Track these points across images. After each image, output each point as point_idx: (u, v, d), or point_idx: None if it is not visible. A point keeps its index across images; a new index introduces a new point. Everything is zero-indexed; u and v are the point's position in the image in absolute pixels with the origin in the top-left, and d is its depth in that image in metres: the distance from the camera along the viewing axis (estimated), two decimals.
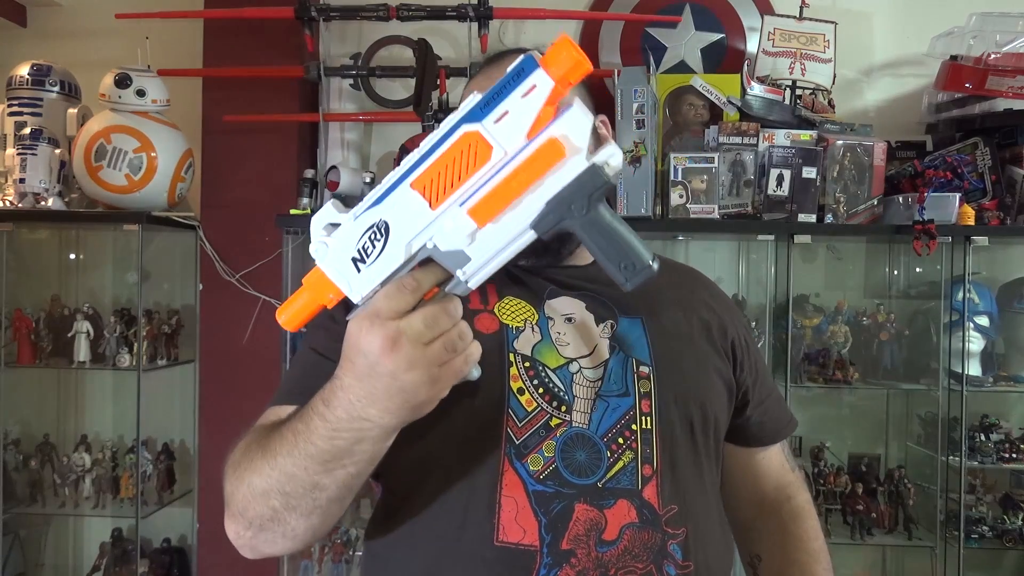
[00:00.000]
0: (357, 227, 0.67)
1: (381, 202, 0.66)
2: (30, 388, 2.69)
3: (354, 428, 0.72)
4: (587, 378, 0.92)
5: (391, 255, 0.67)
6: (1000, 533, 2.34)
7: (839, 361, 2.37)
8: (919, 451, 2.48)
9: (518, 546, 0.84)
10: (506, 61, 0.92)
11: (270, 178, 2.49)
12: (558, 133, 0.63)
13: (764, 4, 2.62)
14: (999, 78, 2.31)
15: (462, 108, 0.65)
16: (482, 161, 0.63)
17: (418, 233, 0.66)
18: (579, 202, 0.64)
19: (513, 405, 0.89)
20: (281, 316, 0.72)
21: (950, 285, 2.31)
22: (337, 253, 0.68)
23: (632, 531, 0.85)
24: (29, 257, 2.70)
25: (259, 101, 2.46)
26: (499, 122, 0.63)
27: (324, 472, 0.75)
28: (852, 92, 2.62)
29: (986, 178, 2.32)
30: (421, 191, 0.65)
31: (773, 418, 1.09)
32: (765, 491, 1.10)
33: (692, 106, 2.43)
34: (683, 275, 1.11)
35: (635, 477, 0.88)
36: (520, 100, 0.62)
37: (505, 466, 0.86)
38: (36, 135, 2.39)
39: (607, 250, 0.68)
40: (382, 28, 2.55)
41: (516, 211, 0.64)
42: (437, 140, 0.65)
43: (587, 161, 0.64)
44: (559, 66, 0.61)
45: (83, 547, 2.75)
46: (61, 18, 2.76)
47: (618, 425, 0.90)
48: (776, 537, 1.07)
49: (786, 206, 2.27)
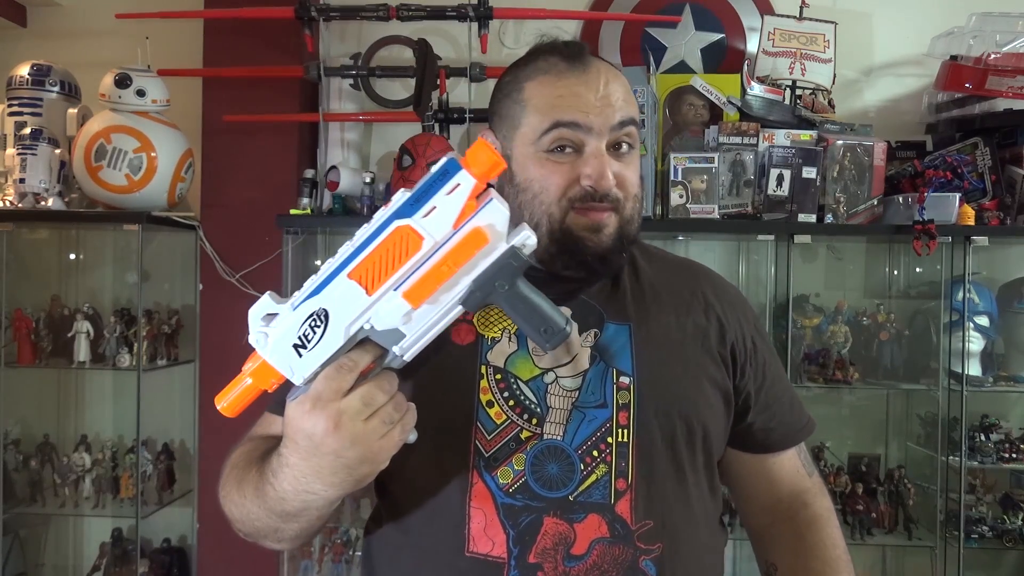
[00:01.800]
0: (297, 316, 0.73)
1: (319, 292, 0.72)
2: (30, 388, 2.68)
3: (300, 499, 0.78)
4: (564, 388, 0.90)
5: (331, 339, 0.72)
6: (1000, 533, 2.34)
7: (839, 361, 2.37)
8: (919, 451, 2.48)
9: (487, 557, 0.85)
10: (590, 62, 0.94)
11: (270, 178, 2.49)
12: (482, 223, 0.71)
13: (764, 4, 2.62)
14: (999, 78, 2.31)
15: (392, 204, 0.71)
16: (414, 250, 0.71)
17: (356, 318, 0.72)
18: (502, 280, 0.73)
19: (482, 418, 0.89)
20: (220, 403, 0.77)
21: (950, 285, 2.31)
22: (278, 341, 0.73)
23: (602, 546, 0.85)
24: (29, 257, 2.70)
25: (259, 101, 2.46)
26: (428, 216, 0.71)
27: (281, 522, 0.83)
28: (852, 92, 2.62)
29: (986, 178, 2.32)
30: (358, 280, 0.72)
31: (783, 423, 1.04)
32: (779, 497, 1.06)
33: (692, 106, 2.43)
34: (686, 274, 1.06)
35: (608, 491, 0.87)
36: (446, 197, 0.70)
37: (474, 478, 0.87)
38: (36, 135, 2.39)
39: (528, 319, 0.76)
40: (382, 28, 2.55)
41: (445, 291, 0.72)
42: (370, 234, 0.72)
43: (506, 244, 0.72)
44: (479, 166, 0.70)
45: (83, 547, 2.74)
46: (61, 18, 2.76)
47: (593, 437, 0.88)
48: (791, 545, 1.04)
49: (786, 206, 2.27)
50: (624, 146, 0.93)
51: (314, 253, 2.61)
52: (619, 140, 0.93)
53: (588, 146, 0.91)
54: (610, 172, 0.91)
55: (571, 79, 0.93)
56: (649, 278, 1.02)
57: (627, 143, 0.94)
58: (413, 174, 2.22)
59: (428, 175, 0.71)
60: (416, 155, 2.23)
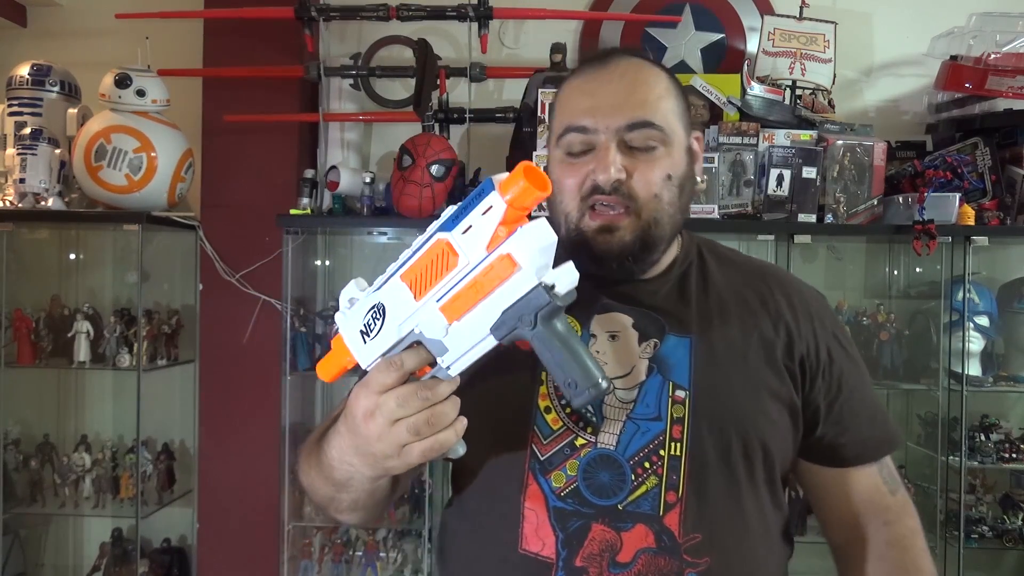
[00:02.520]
0: (365, 305, 0.77)
1: (381, 288, 0.76)
2: (30, 388, 2.69)
3: (343, 468, 0.83)
4: (619, 399, 0.91)
5: (387, 334, 0.75)
6: (1000, 533, 2.34)
7: None
8: (919, 451, 2.48)
9: (537, 556, 0.88)
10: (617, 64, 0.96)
11: (270, 178, 2.49)
12: (512, 250, 0.69)
13: (764, 4, 2.62)
14: (999, 78, 2.31)
15: (441, 217, 0.72)
16: (451, 266, 0.71)
17: (406, 319, 0.74)
18: (526, 317, 0.70)
19: (539, 423, 0.92)
20: (319, 370, 0.83)
21: (950, 285, 2.31)
22: (351, 325, 0.78)
23: (647, 556, 0.86)
24: (29, 257, 2.70)
25: (259, 101, 2.46)
26: (465, 234, 0.70)
27: (335, 491, 0.87)
28: (852, 92, 2.62)
29: (986, 178, 2.32)
30: (408, 283, 0.74)
31: (858, 437, 1.00)
32: (856, 513, 1.01)
33: (692, 106, 2.42)
34: (758, 281, 1.03)
35: (657, 503, 0.88)
36: (480, 217, 0.69)
37: (529, 479, 0.90)
38: (36, 135, 2.39)
39: (552, 365, 0.72)
40: (382, 28, 2.55)
41: (477, 315, 0.71)
42: (422, 241, 0.74)
43: (536, 279, 0.69)
44: (511, 192, 0.67)
45: (83, 547, 2.75)
46: (61, 18, 2.76)
47: (646, 449, 0.89)
48: (870, 565, 0.99)
49: (786, 206, 2.27)
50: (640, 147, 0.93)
51: (314, 253, 2.61)
52: (633, 141, 0.92)
53: (598, 146, 0.93)
54: (614, 167, 0.90)
55: (591, 83, 0.95)
56: (718, 287, 1.01)
57: (644, 144, 0.93)
58: (413, 174, 2.22)
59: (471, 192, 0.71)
60: (416, 155, 2.23)
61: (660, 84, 0.96)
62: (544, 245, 0.69)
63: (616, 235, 0.93)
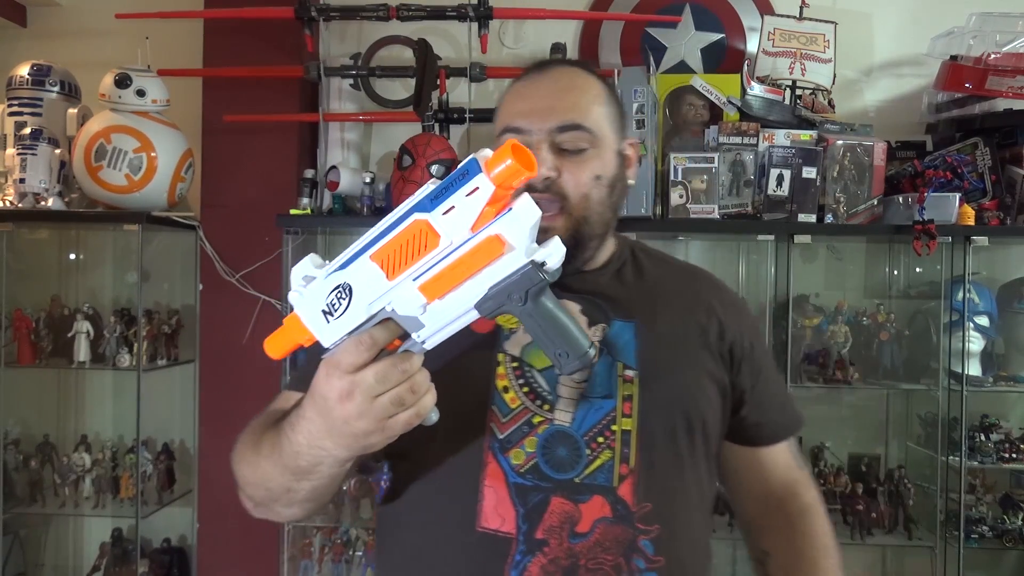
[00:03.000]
0: (327, 285, 0.74)
1: (346, 267, 0.74)
2: (30, 388, 2.69)
3: (312, 453, 0.80)
4: (573, 379, 0.96)
5: (354, 313, 0.73)
6: (1000, 533, 2.34)
7: (839, 361, 2.37)
8: (919, 451, 2.48)
9: (496, 533, 0.91)
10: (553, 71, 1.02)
11: (270, 178, 2.49)
12: (500, 231, 0.69)
13: (764, 4, 2.62)
14: (999, 78, 2.31)
15: (416, 195, 0.71)
16: (431, 246, 0.70)
17: (377, 298, 0.73)
18: (517, 294, 0.71)
19: (498, 402, 0.95)
20: (267, 346, 0.80)
21: (950, 285, 2.31)
22: (310, 304, 0.75)
23: (604, 525, 0.91)
24: (29, 257, 2.70)
25: (259, 101, 2.46)
26: (446, 215, 0.69)
27: (295, 480, 0.85)
28: (852, 92, 2.62)
29: (986, 178, 2.32)
30: (379, 263, 0.72)
31: (774, 418, 1.11)
32: (771, 488, 1.12)
33: (692, 106, 2.43)
34: (690, 279, 1.14)
35: (611, 475, 0.93)
36: (464, 198, 0.69)
37: (488, 458, 0.93)
38: (36, 135, 2.39)
39: (543, 339, 0.75)
40: (382, 28, 2.55)
41: (460, 293, 0.72)
42: (394, 220, 0.72)
43: (526, 258, 0.70)
44: (498, 172, 0.67)
45: (83, 547, 2.75)
46: (61, 18, 2.76)
47: (599, 425, 0.94)
48: (784, 533, 1.10)
49: (786, 206, 2.28)
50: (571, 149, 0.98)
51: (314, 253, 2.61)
52: (564, 143, 0.98)
53: (531, 147, 0.97)
54: (545, 165, 0.96)
55: (529, 88, 1.03)
56: (654, 279, 1.09)
57: (574, 146, 0.98)
58: (413, 174, 2.22)
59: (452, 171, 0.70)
60: (416, 155, 2.23)
61: (592, 90, 1.03)
62: (532, 223, 0.70)
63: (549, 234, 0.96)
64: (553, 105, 0.99)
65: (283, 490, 0.87)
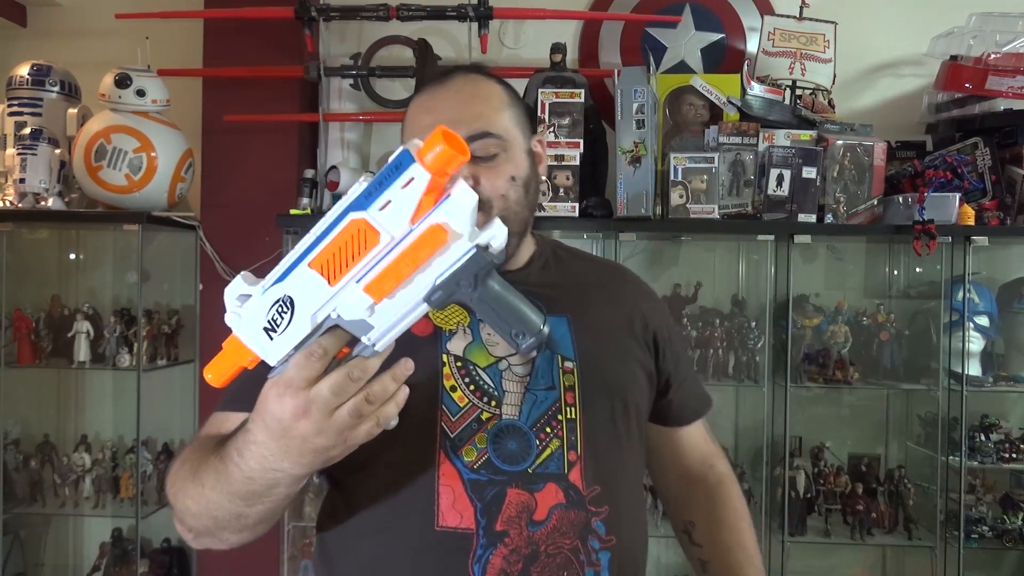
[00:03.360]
0: (265, 301, 0.72)
1: (283, 280, 0.71)
2: (30, 388, 2.69)
3: (267, 477, 0.78)
4: (516, 374, 1.00)
5: (298, 325, 0.71)
6: (1000, 533, 2.34)
7: (839, 361, 2.37)
8: (919, 451, 2.48)
9: (456, 530, 0.92)
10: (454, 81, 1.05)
11: (270, 178, 2.49)
12: (440, 220, 0.68)
13: (764, 4, 2.62)
14: (999, 78, 2.31)
15: (349, 195, 0.69)
16: (371, 245, 0.68)
17: (321, 306, 0.71)
18: (466, 280, 0.70)
19: (447, 402, 0.97)
20: (208, 374, 0.77)
21: (950, 285, 2.31)
22: (250, 323, 0.73)
23: (560, 511, 0.94)
24: (29, 257, 2.70)
25: (259, 101, 2.46)
26: (383, 210, 0.67)
27: (246, 506, 0.83)
28: (852, 92, 2.61)
29: (986, 178, 2.32)
30: (319, 270, 0.70)
31: (692, 398, 1.20)
32: (691, 464, 1.21)
33: (692, 106, 2.43)
34: (612, 273, 1.23)
35: (561, 462, 0.96)
36: (400, 191, 0.67)
37: (441, 458, 0.95)
38: (36, 135, 2.39)
39: (497, 321, 0.74)
40: (382, 28, 2.55)
41: (408, 288, 0.70)
42: (328, 225, 0.69)
43: (470, 243, 0.69)
44: (433, 159, 0.65)
45: (83, 547, 2.74)
46: (61, 18, 2.76)
47: (546, 416, 0.98)
48: (705, 502, 1.18)
49: (786, 206, 2.27)
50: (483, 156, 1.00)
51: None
52: (475, 151, 0.99)
53: None
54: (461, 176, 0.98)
55: (431, 101, 1.04)
56: (576, 275, 1.14)
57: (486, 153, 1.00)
58: None
59: (384, 167, 0.68)
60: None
61: (495, 96, 1.05)
62: (471, 208, 0.69)
63: None
64: (459, 116, 1.00)
65: (232, 517, 0.85)
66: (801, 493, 2.33)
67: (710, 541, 1.16)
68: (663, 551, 2.56)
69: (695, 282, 2.51)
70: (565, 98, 2.30)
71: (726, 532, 1.15)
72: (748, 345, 2.39)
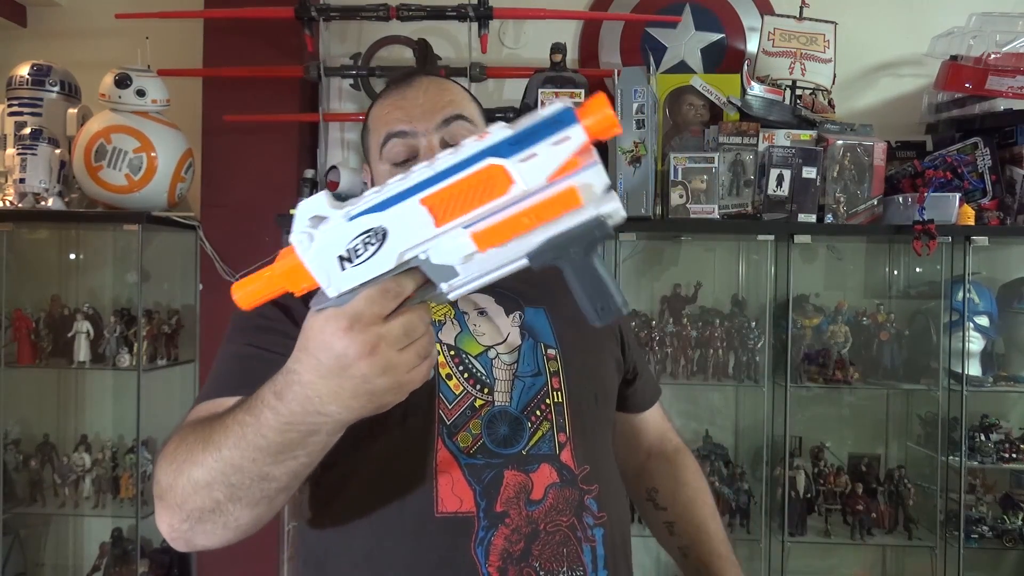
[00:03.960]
0: (351, 228, 0.67)
1: (383, 209, 0.67)
2: (30, 388, 2.69)
3: (308, 422, 0.72)
4: (504, 362, 1.03)
5: (382, 260, 0.68)
6: (1000, 533, 2.34)
7: (839, 361, 2.37)
8: (919, 451, 2.48)
9: (456, 514, 0.93)
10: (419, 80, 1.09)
11: (270, 178, 2.49)
12: (579, 183, 0.66)
13: (764, 4, 2.62)
14: (999, 78, 2.31)
15: (488, 137, 0.66)
16: (499, 193, 0.66)
17: (415, 245, 0.68)
18: (577, 247, 0.69)
19: (443, 389, 0.99)
20: (237, 292, 0.71)
21: (950, 285, 2.31)
22: (323, 248, 0.68)
23: (555, 490, 0.97)
24: (29, 257, 2.70)
25: (259, 101, 2.46)
26: (526, 161, 0.65)
27: (274, 463, 0.76)
28: (852, 92, 2.61)
29: (986, 178, 2.32)
30: (429, 208, 0.66)
31: (649, 384, 1.26)
32: (651, 441, 1.27)
33: (692, 106, 2.43)
34: None
35: (553, 443, 0.99)
36: (551, 147, 0.65)
37: (439, 445, 0.96)
38: (36, 135, 2.39)
39: (589, 292, 0.73)
40: (382, 28, 2.55)
41: (515, 243, 0.68)
42: (456, 163, 0.66)
43: (595, 211, 0.67)
44: (594, 123, 0.64)
45: (83, 547, 2.75)
46: (61, 18, 2.76)
47: (534, 400, 1.01)
48: (666, 469, 1.25)
49: (786, 206, 2.27)
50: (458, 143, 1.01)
51: None
52: (452, 137, 1.03)
53: (421, 148, 1.04)
54: None
55: (400, 99, 1.08)
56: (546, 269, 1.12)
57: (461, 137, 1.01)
58: None
59: (537, 118, 0.65)
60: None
61: (460, 91, 1.11)
62: (606, 181, 0.67)
63: None
64: (432, 105, 1.05)
65: (254, 480, 0.76)
66: (801, 493, 2.33)
67: (673, 501, 1.22)
68: (664, 551, 2.56)
69: (695, 282, 2.51)
70: (565, 98, 2.30)
71: (688, 491, 1.22)
72: (748, 345, 2.39)
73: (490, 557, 0.92)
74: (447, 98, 1.06)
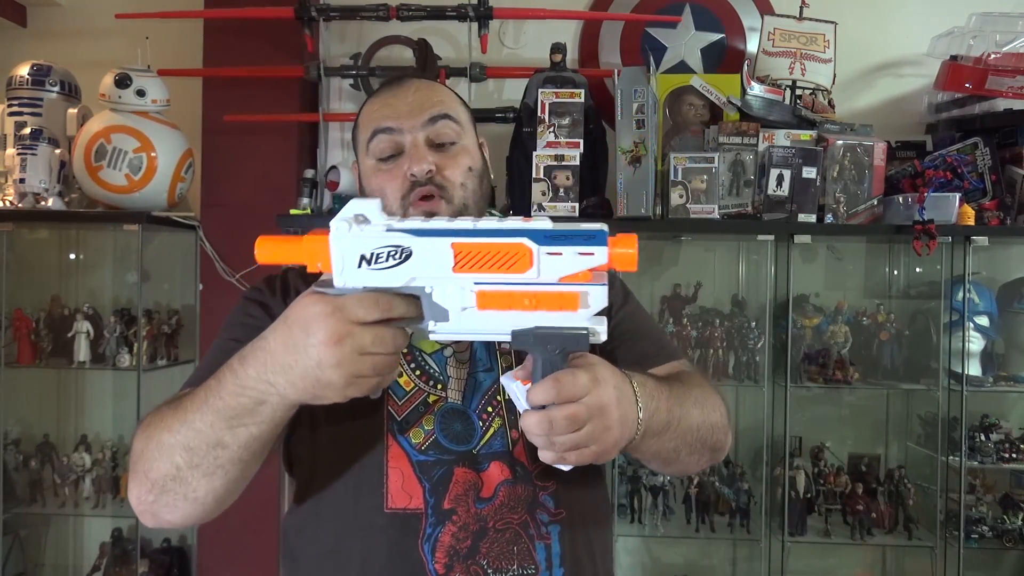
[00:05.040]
0: (385, 237, 0.74)
1: (419, 235, 0.74)
2: (30, 388, 2.69)
3: (259, 389, 0.78)
4: (457, 360, 1.04)
5: (394, 276, 0.74)
6: (1000, 533, 2.34)
7: (839, 361, 2.37)
8: (919, 451, 2.48)
9: (405, 511, 0.95)
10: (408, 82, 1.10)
11: (270, 178, 2.49)
12: (582, 292, 0.74)
13: (764, 4, 2.62)
14: (999, 78, 2.31)
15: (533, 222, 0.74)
16: (517, 269, 0.74)
17: (427, 277, 0.74)
18: (558, 347, 0.76)
19: (392, 386, 1.00)
20: (260, 245, 0.77)
21: (950, 285, 2.31)
22: (354, 241, 0.74)
23: (507, 487, 0.97)
24: (29, 257, 2.70)
25: (259, 101, 2.46)
26: (550, 256, 0.74)
27: (227, 428, 0.81)
28: (852, 92, 2.61)
29: (986, 178, 2.32)
30: (456, 253, 0.74)
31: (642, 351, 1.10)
32: None
33: (692, 106, 2.43)
34: None
35: (505, 440, 1.00)
36: (575, 255, 0.73)
37: (389, 441, 0.98)
38: (36, 135, 2.39)
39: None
40: (382, 28, 2.55)
41: (511, 316, 0.75)
42: (496, 229, 0.74)
43: (584, 323, 0.75)
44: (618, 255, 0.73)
45: (83, 547, 2.75)
46: (61, 18, 2.76)
47: (486, 396, 1.02)
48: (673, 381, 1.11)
49: (786, 206, 2.27)
50: (445, 143, 1.06)
51: None
52: (437, 136, 1.05)
53: (406, 144, 1.05)
54: (426, 161, 1.02)
55: (390, 98, 1.09)
56: None
57: (446, 140, 1.06)
58: None
59: (577, 227, 0.73)
60: None
61: (449, 92, 1.13)
62: (604, 304, 0.75)
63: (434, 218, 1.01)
64: (420, 104, 1.06)
65: (210, 445, 0.81)
66: (801, 493, 2.33)
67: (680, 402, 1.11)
68: (664, 551, 2.56)
69: (695, 282, 2.51)
70: (565, 98, 2.30)
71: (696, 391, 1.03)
72: (748, 345, 2.39)
73: (436, 554, 0.94)
74: (435, 99, 1.08)
